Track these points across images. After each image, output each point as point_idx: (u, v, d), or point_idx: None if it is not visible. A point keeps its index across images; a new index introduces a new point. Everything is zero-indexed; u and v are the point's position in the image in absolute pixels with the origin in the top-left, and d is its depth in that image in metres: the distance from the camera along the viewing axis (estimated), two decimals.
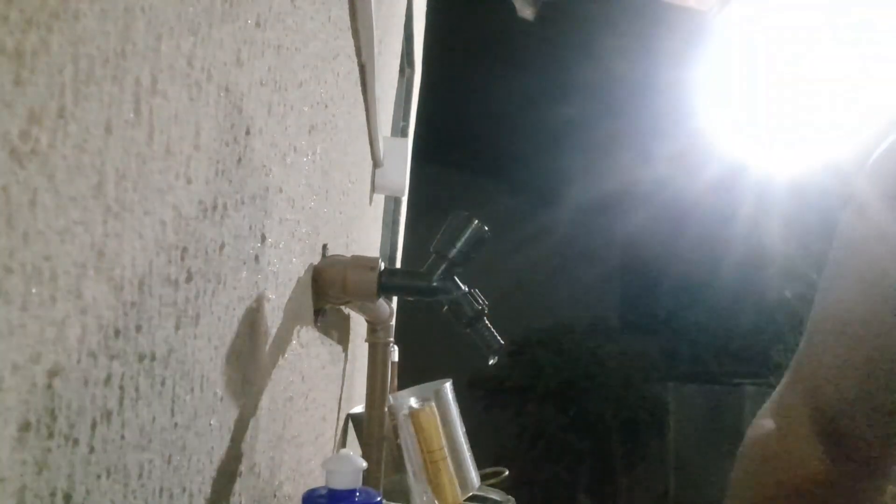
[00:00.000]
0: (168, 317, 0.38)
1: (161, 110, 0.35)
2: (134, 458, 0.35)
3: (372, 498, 0.58)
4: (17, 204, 0.23)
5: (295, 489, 0.82)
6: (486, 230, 0.80)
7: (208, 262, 0.44)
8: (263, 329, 0.61)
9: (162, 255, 0.36)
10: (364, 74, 1.10)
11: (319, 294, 0.82)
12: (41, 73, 0.24)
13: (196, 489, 0.45)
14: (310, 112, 0.72)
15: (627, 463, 8.30)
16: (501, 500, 1.30)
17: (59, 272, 0.26)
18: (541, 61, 9.65)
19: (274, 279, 0.63)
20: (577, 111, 9.28)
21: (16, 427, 0.25)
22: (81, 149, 0.27)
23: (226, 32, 0.43)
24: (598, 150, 9.42)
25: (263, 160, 0.55)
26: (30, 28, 0.23)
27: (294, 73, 0.63)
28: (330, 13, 0.78)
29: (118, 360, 0.32)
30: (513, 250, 9.00)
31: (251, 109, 0.50)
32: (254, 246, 0.55)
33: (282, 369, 0.69)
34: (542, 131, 10.21)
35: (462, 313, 0.80)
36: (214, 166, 0.43)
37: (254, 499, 0.61)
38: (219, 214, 0.45)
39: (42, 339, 0.26)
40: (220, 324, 0.48)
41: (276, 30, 0.55)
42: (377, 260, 0.80)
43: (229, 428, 0.52)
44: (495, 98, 10.09)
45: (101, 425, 0.31)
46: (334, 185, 0.94)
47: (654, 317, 9.67)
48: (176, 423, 0.41)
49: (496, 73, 9.90)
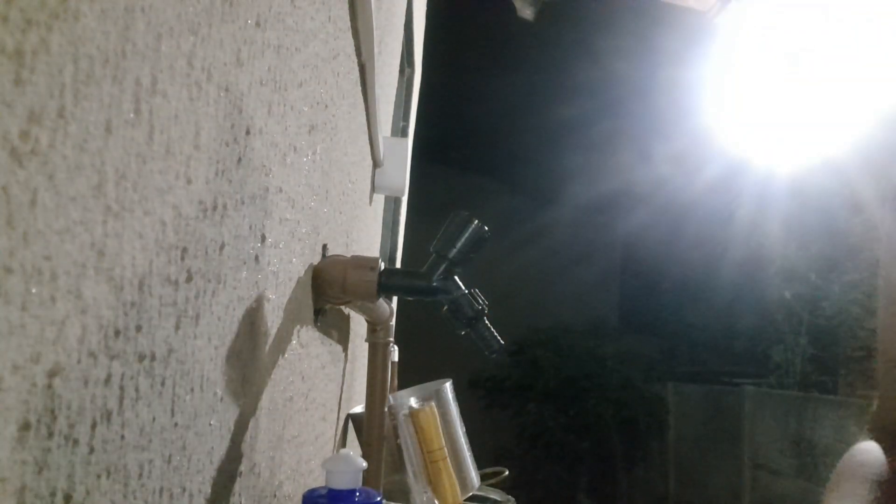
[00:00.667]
0: (168, 317, 0.38)
1: (161, 110, 0.35)
2: (134, 458, 0.35)
3: (372, 498, 0.58)
4: (17, 204, 0.23)
5: (295, 489, 0.82)
6: (486, 230, 0.80)
7: (208, 262, 0.44)
8: (263, 329, 0.61)
9: (162, 255, 0.36)
10: (364, 74, 1.10)
11: (319, 294, 0.82)
12: (41, 73, 0.24)
13: (196, 489, 0.45)
14: (310, 112, 0.72)
15: (627, 463, 8.30)
16: (501, 500, 1.30)
17: (59, 272, 0.26)
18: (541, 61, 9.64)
19: (274, 279, 0.63)
20: (576, 111, 9.28)
21: (16, 427, 0.25)
22: (81, 149, 0.27)
23: (226, 32, 0.43)
24: (598, 149, 9.42)
25: (263, 160, 0.55)
26: (30, 28, 0.23)
27: (294, 73, 0.63)
28: (330, 13, 0.78)
29: (118, 360, 0.32)
30: (513, 250, 9.01)
31: (251, 109, 0.50)
32: (254, 246, 0.55)
33: (282, 369, 0.69)
34: (542, 131, 10.21)
35: (462, 313, 0.80)
36: (214, 166, 0.43)
37: (254, 499, 0.61)
38: (219, 214, 0.45)
39: (42, 339, 0.26)
40: (220, 324, 0.48)
41: (276, 30, 0.55)
42: (377, 260, 0.80)
43: (229, 428, 0.52)
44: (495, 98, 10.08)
45: (101, 425, 0.31)
46: (334, 185, 0.94)
47: (653, 317, 9.67)
48: (176, 423, 0.41)
49: (496, 73, 9.90)
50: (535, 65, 9.88)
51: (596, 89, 9.15)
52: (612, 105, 9.31)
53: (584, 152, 9.42)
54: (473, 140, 10.58)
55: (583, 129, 9.32)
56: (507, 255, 8.77)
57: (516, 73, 9.87)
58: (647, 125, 9.07)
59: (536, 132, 10.30)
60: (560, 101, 9.55)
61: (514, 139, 10.75)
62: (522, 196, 10.88)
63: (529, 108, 10.18)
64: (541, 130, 10.22)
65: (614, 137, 9.46)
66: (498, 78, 9.93)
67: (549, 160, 10.23)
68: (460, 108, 9.55)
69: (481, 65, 9.88)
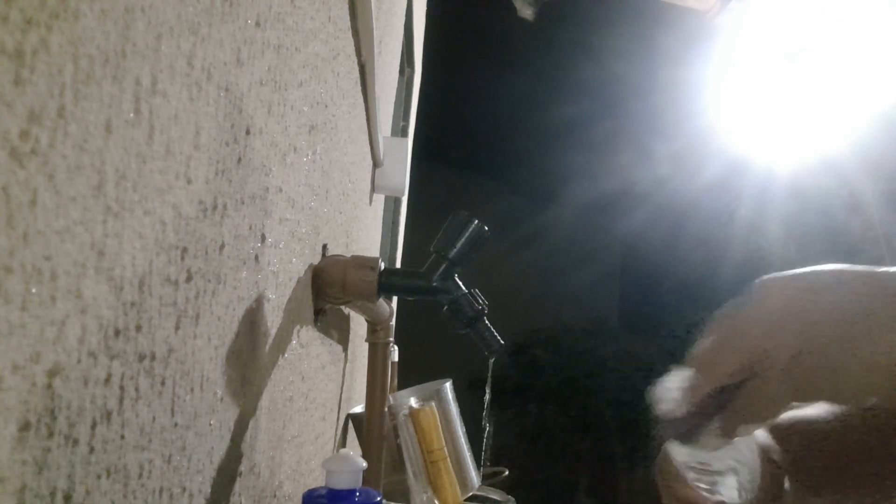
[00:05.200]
0: (168, 317, 0.38)
1: (161, 110, 0.35)
2: (134, 458, 0.35)
3: (372, 498, 0.58)
4: (17, 204, 0.23)
5: (295, 489, 0.82)
6: (486, 230, 0.80)
7: (208, 262, 0.44)
8: (263, 329, 0.61)
9: (162, 255, 0.36)
10: (364, 74, 1.10)
11: (319, 294, 0.82)
12: (41, 73, 0.24)
13: (196, 489, 0.45)
14: (310, 112, 0.72)
15: (627, 463, 8.30)
16: (501, 500, 1.30)
17: (59, 272, 0.26)
18: (541, 61, 9.65)
19: (274, 279, 0.63)
20: (576, 111, 9.29)
21: (16, 427, 0.25)
22: (81, 149, 0.27)
23: (226, 32, 0.43)
24: (598, 149, 9.43)
25: (263, 160, 0.55)
26: (30, 28, 0.23)
27: (294, 73, 0.63)
28: (330, 13, 0.78)
29: (118, 360, 0.32)
30: (513, 250, 9.01)
31: (251, 109, 0.50)
32: (254, 246, 0.55)
33: (282, 369, 0.69)
34: (542, 131, 10.22)
35: (462, 313, 0.80)
36: (214, 166, 0.43)
37: (254, 499, 0.61)
38: (219, 214, 0.45)
39: (42, 339, 0.26)
40: (220, 324, 0.48)
41: (276, 29, 0.55)
42: (377, 260, 0.80)
43: (229, 428, 0.52)
44: (495, 98, 10.09)
45: (101, 425, 0.31)
46: (334, 185, 0.94)
47: (653, 317, 9.68)
48: (176, 423, 0.41)
49: (496, 73, 9.90)
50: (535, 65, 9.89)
51: (596, 89, 9.16)
52: (612, 105, 9.32)
53: (584, 152, 9.43)
54: (473, 140, 10.59)
55: (583, 129, 9.33)
56: (507, 255, 8.77)
57: (516, 73, 9.88)
58: (647, 125, 9.08)
59: (536, 132, 10.31)
60: (560, 101, 9.56)
61: (514, 139, 10.76)
62: (522, 196, 10.88)
63: (529, 108, 10.19)
64: (541, 130, 10.23)
65: (614, 137, 9.47)
66: (498, 78, 9.94)
67: (549, 160, 10.24)
68: (460, 108, 9.56)
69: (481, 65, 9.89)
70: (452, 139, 9.67)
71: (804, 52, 3.48)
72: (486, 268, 5.87)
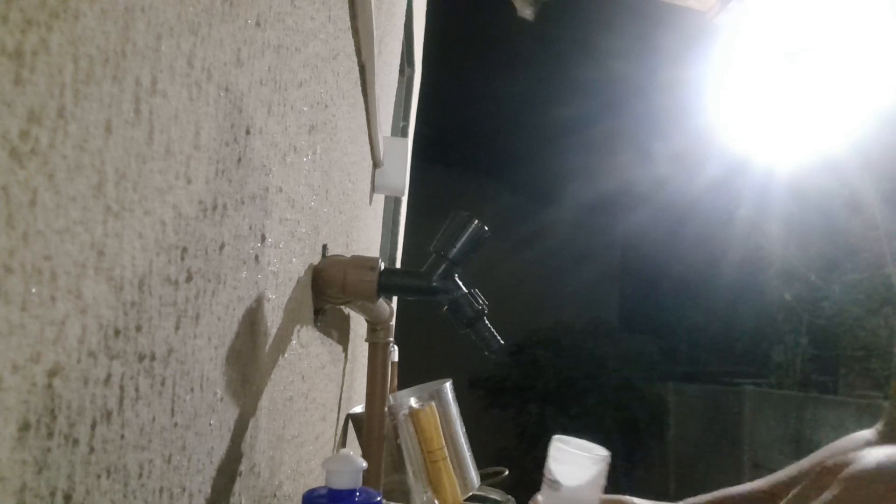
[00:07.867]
0: (168, 317, 0.38)
1: (161, 110, 0.35)
2: (134, 458, 0.35)
3: (372, 498, 0.58)
4: (17, 204, 0.23)
5: (295, 489, 0.82)
6: (486, 230, 0.80)
7: (208, 262, 0.44)
8: (263, 329, 0.61)
9: (162, 255, 0.36)
10: (364, 74, 1.10)
11: (319, 294, 0.82)
12: (41, 73, 0.24)
13: (196, 489, 0.45)
14: (310, 112, 0.72)
15: (627, 463, 8.30)
16: (501, 500, 1.30)
17: (59, 272, 0.26)
18: (541, 61, 9.65)
19: (274, 279, 0.63)
20: (576, 111, 9.29)
21: (16, 427, 0.25)
22: (81, 149, 0.27)
23: (226, 32, 0.43)
24: (598, 149, 9.43)
25: (263, 160, 0.55)
26: (30, 28, 0.23)
27: (294, 73, 0.63)
28: (330, 13, 0.78)
29: (118, 360, 0.32)
30: (513, 250, 9.02)
31: (251, 109, 0.50)
32: (254, 246, 0.55)
33: (282, 369, 0.69)
34: (542, 131, 10.22)
35: (462, 313, 0.80)
36: (214, 166, 0.43)
37: (254, 499, 0.61)
38: (219, 214, 0.45)
39: (42, 339, 0.26)
40: (220, 324, 0.48)
41: (276, 29, 0.55)
42: (377, 260, 0.80)
43: (229, 428, 0.52)
44: (495, 98, 10.09)
45: (101, 425, 0.31)
46: (334, 185, 0.94)
47: (653, 317, 9.68)
48: (176, 423, 0.41)
49: (496, 73, 9.90)
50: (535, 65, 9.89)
51: (596, 89, 9.16)
52: (612, 105, 9.32)
53: (584, 152, 9.43)
54: (473, 140, 10.59)
55: (583, 129, 9.33)
56: (507, 255, 8.78)
57: (516, 73, 9.88)
58: (647, 125, 9.08)
59: (536, 132, 10.31)
60: (560, 101, 9.56)
61: (514, 139, 10.76)
62: (522, 196, 10.88)
63: (529, 108, 10.19)
64: (541, 130, 10.23)
65: (614, 137, 9.47)
66: (498, 78, 9.94)
67: (549, 160, 10.24)
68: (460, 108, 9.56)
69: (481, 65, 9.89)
70: (452, 139, 9.67)
71: (804, 52, 3.48)
72: (486, 268, 5.87)
